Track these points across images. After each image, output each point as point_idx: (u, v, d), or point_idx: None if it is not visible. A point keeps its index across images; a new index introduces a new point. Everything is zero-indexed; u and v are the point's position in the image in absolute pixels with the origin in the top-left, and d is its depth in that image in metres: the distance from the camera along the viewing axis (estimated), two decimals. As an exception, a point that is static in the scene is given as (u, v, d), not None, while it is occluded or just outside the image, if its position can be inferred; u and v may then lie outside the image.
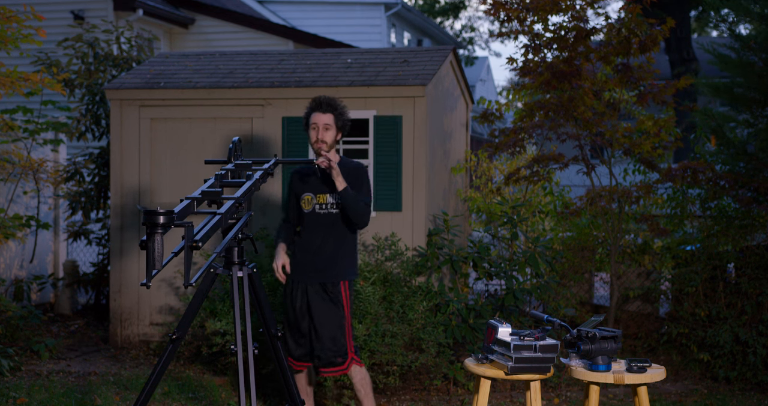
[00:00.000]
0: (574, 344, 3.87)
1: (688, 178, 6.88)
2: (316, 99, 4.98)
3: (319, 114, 4.93)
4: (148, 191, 7.28)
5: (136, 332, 7.30)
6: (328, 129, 4.92)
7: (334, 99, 4.99)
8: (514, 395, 6.11)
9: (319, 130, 4.91)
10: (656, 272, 7.49)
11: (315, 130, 4.92)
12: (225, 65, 7.74)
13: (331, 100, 4.97)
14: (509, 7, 7.02)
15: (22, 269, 8.56)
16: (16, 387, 6.03)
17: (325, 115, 4.92)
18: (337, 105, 4.97)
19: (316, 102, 4.96)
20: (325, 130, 4.92)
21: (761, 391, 6.34)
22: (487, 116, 7.82)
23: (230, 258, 3.92)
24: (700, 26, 29.42)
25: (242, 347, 3.82)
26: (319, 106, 4.94)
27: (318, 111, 4.94)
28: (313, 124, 4.94)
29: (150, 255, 3.10)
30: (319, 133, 4.91)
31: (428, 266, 6.33)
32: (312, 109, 4.97)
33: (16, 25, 6.77)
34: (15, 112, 7.82)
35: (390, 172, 6.76)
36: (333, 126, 4.93)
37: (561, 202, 8.06)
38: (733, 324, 6.54)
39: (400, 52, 7.87)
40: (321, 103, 4.95)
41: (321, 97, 4.98)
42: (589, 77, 6.94)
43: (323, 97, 4.98)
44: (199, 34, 15.44)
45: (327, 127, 4.92)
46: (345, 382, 5.76)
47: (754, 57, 7.24)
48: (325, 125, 4.91)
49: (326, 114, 4.92)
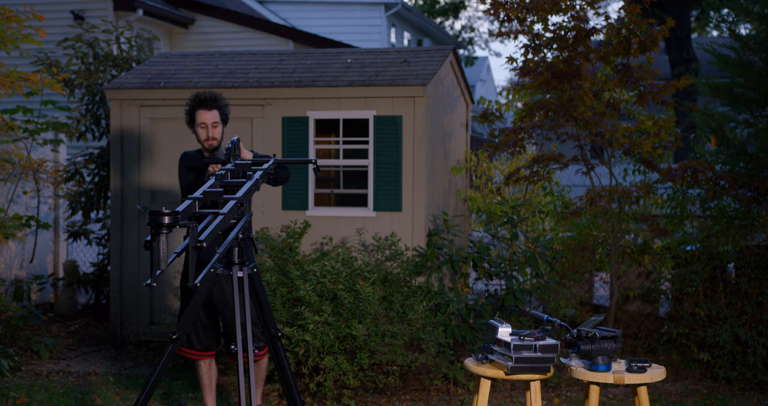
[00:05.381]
0: (574, 344, 3.87)
1: (688, 178, 6.88)
2: (198, 95, 4.97)
3: (205, 112, 4.96)
4: (148, 191, 7.28)
5: (136, 332, 7.30)
6: (216, 126, 4.98)
7: (215, 93, 5.02)
8: (514, 395, 6.11)
9: (209, 129, 4.96)
10: (656, 272, 7.49)
11: (204, 129, 4.96)
12: (225, 65, 7.75)
13: (215, 94, 5.00)
14: (509, 7, 7.02)
15: (22, 269, 8.56)
16: (16, 387, 6.03)
17: (211, 113, 4.96)
18: (219, 99, 5.01)
19: (199, 99, 4.96)
20: (214, 127, 4.97)
21: (761, 391, 6.34)
22: (487, 116, 7.82)
23: (230, 258, 3.93)
24: (700, 26, 29.42)
25: (242, 347, 3.82)
26: (203, 104, 4.95)
27: (203, 108, 4.96)
28: (201, 123, 4.96)
29: (155, 255, 3.10)
30: (209, 132, 4.96)
31: (428, 266, 6.33)
32: (195, 106, 4.97)
33: (16, 25, 6.78)
34: (15, 112, 7.82)
35: (390, 172, 6.76)
36: (219, 122, 4.99)
37: (561, 202, 8.06)
38: (733, 324, 6.54)
39: (400, 52, 7.87)
40: (205, 100, 4.96)
41: (203, 93, 4.99)
42: (589, 77, 6.94)
43: (206, 93, 4.99)
44: (199, 34, 15.44)
45: (215, 125, 4.97)
46: (345, 382, 5.76)
47: (754, 57, 7.24)
48: (213, 123, 4.96)
49: (212, 111, 4.97)
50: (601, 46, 7.00)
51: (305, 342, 5.66)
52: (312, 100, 6.96)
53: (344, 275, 5.83)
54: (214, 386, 5.18)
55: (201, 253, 3.28)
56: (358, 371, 5.78)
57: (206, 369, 5.13)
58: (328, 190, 7.15)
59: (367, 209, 6.83)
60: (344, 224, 6.86)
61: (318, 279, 5.79)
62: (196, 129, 4.99)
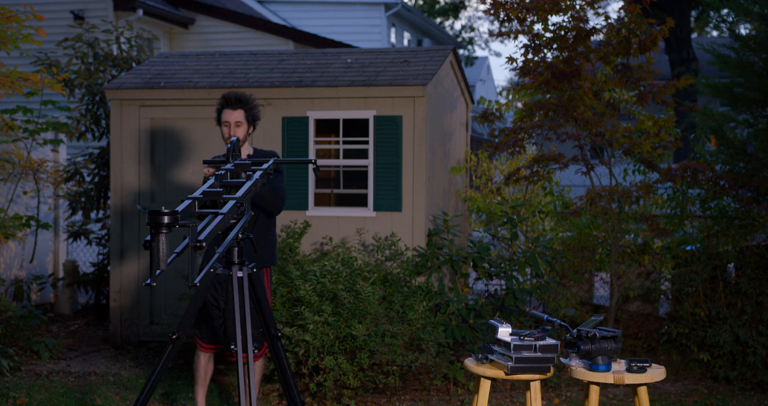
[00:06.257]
0: (574, 344, 3.87)
1: (688, 178, 6.88)
2: (225, 96, 5.01)
3: (230, 111, 4.99)
4: (148, 191, 7.28)
5: (136, 332, 7.30)
6: (239, 126, 5.00)
7: (244, 94, 5.05)
8: (514, 395, 6.11)
9: (231, 127, 4.98)
10: (656, 272, 7.49)
11: (227, 128, 5.00)
12: (225, 65, 7.74)
13: (241, 95, 5.03)
14: (509, 7, 7.02)
15: (22, 269, 8.57)
16: (16, 387, 6.03)
17: (236, 112, 4.99)
18: (247, 100, 5.02)
19: (226, 99, 5.01)
20: (237, 127, 4.99)
21: (761, 391, 6.34)
22: (487, 116, 7.82)
23: (230, 258, 3.93)
24: (700, 26, 29.42)
25: (242, 348, 3.82)
26: (229, 104, 5.00)
27: (228, 108, 5.00)
28: (225, 122, 5.00)
29: (154, 255, 3.10)
30: (231, 130, 4.98)
31: (428, 266, 6.33)
32: (222, 106, 5.02)
33: (16, 25, 6.78)
34: (15, 112, 7.83)
35: (390, 172, 6.76)
36: (244, 122, 5.01)
37: (561, 202, 8.06)
38: (733, 324, 6.54)
39: (400, 52, 7.86)
40: (230, 100, 5.00)
41: (230, 93, 5.02)
42: (589, 77, 6.94)
43: (233, 93, 5.02)
44: (199, 34, 15.44)
45: (238, 124, 5.00)
46: (345, 382, 5.76)
47: (754, 57, 7.24)
48: (236, 122, 4.99)
49: (237, 110, 4.99)
50: (601, 46, 7.00)
51: (305, 342, 5.66)
52: (312, 100, 6.96)
53: (344, 275, 5.83)
54: (208, 381, 5.20)
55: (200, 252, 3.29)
56: (358, 371, 5.78)
57: (204, 362, 5.15)
58: (328, 190, 7.15)
59: (367, 209, 6.83)
60: (344, 224, 6.86)
61: (318, 279, 5.79)
62: (221, 128, 5.05)
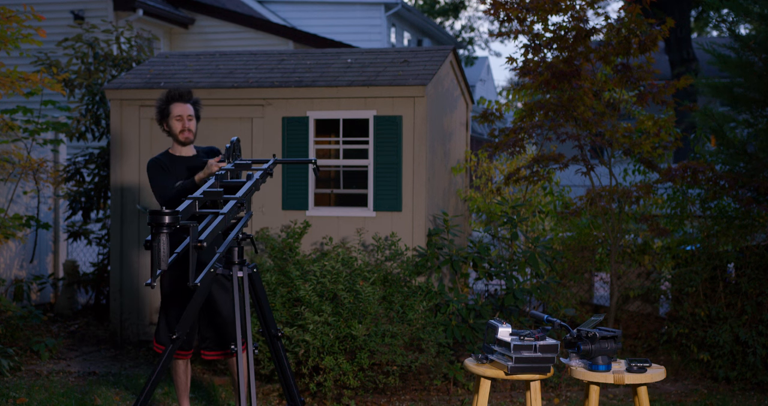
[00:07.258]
0: (574, 344, 3.87)
1: (688, 178, 6.88)
2: (171, 90, 4.97)
3: (182, 104, 4.94)
4: (148, 191, 7.28)
5: (136, 332, 7.30)
6: (191, 119, 4.96)
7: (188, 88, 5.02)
8: (514, 395, 6.12)
9: (184, 121, 4.93)
10: (656, 272, 7.49)
11: (180, 121, 4.94)
12: (225, 65, 7.75)
13: (186, 89, 5.00)
14: (509, 7, 7.02)
15: (22, 269, 8.57)
16: (16, 387, 6.03)
17: (188, 106, 4.95)
18: (192, 94, 5.01)
19: (176, 92, 4.96)
20: (189, 121, 4.95)
21: (761, 391, 6.34)
22: (487, 116, 7.82)
23: (230, 258, 3.93)
24: (700, 26, 29.42)
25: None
26: (181, 97, 4.95)
27: (180, 101, 4.94)
28: (177, 115, 4.93)
29: (155, 255, 3.11)
30: (184, 123, 4.93)
31: (428, 266, 6.33)
32: (171, 99, 4.95)
33: (16, 25, 6.78)
34: (15, 112, 7.82)
35: (390, 172, 6.77)
36: (194, 116, 4.98)
37: (561, 202, 8.06)
38: (733, 324, 6.54)
39: (400, 52, 7.87)
40: (181, 93, 4.95)
41: (176, 88, 4.98)
42: (589, 77, 6.94)
43: (178, 88, 4.99)
44: (199, 34, 15.44)
45: (190, 118, 4.96)
46: (345, 382, 5.76)
47: (754, 57, 7.25)
48: (188, 116, 4.94)
49: (187, 104, 4.95)
50: (601, 46, 7.00)
51: (305, 342, 5.66)
52: (312, 100, 6.96)
53: (344, 275, 5.83)
54: (188, 386, 5.09)
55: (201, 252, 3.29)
56: (358, 371, 5.78)
57: (183, 368, 5.02)
58: (328, 190, 7.15)
59: (367, 209, 6.83)
60: (344, 223, 6.86)
61: (318, 279, 5.79)
62: (170, 122, 4.94)
